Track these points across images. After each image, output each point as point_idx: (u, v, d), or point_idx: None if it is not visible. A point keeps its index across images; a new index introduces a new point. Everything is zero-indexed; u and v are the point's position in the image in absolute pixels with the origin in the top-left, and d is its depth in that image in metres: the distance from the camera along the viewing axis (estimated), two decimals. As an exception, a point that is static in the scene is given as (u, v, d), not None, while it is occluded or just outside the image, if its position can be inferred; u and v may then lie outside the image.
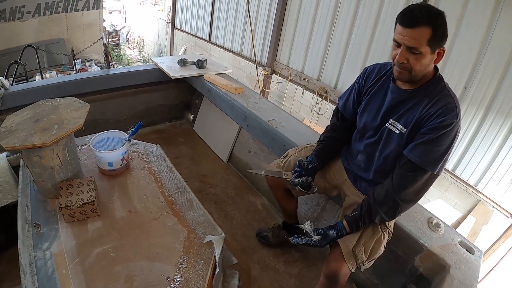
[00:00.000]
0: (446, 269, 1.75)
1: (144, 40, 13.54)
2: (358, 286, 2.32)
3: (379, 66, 1.80)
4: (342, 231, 1.70)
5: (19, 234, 1.65)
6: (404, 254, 1.99)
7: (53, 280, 1.46)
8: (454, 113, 1.48)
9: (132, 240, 1.73)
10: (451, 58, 4.08)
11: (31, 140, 1.68)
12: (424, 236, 1.89)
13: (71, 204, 1.74)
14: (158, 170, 2.23)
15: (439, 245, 1.86)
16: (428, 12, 1.42)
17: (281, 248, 2.49)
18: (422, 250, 1.86)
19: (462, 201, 4.28)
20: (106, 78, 3.37)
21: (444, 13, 1.42)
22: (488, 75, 3.79)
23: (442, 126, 1.47)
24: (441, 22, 1.41)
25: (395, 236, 1.86)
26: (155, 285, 1.52)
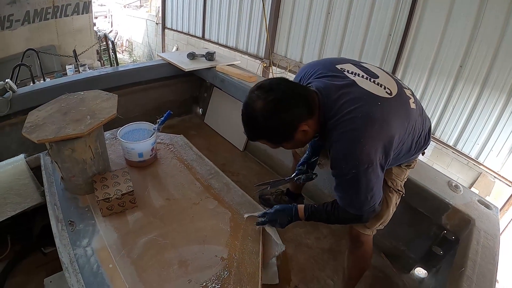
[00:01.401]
0: (472, 223, 1.85)
1: (133, 43, 13.44)
2: (386, 255, 2.41)
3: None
4: (294, 217, 1.70)
5: (55, 233, 1.59)
6: (431, 215, 2.08)
7: (100, 276, 1.42)
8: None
9: (177, 226, 1.71)
10: (445, 39, 4.16)
11: (65, 131, 1.63)
12: (448, 196, 2.00)
13: (109, 196, 1.69)
14: (188, 158, 2.21)
15: (461, 203, 1.97)
16: (251, 129, 1.42)
17: (311, 226, 2.56)
18: (448, 209, 1.96)
19: (464, 175, 4.41)
20: (116, 75, 3.32)
21: (267, 119, 1.33)
22: (482, 53, 3.90)
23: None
24: (264, 128, 1.37)
25: (422, 198, 2.06)
26: (210, 266, 1.51)
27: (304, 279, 2.16)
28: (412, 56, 4.49)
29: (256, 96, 1.33)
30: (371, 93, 1.36)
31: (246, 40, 6.98)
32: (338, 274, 2.20)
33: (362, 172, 1.35)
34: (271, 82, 1.37)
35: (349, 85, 1.39)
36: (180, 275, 1.45)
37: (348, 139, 1.34)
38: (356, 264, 1.86)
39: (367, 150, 1.32)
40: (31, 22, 8.67)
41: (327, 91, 1.39)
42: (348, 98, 1.35)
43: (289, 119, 1.33)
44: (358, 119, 1.32)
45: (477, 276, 1.54)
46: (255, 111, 1.32)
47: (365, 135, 1.31)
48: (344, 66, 1.49)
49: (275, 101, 1.30)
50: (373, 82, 1.41)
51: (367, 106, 1.33)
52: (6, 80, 2.81)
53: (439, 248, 2.11)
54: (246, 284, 1.44)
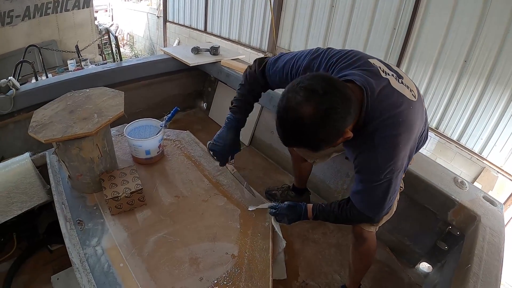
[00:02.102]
0: (478, 219, 1.87)
1: (134, 37, 13.38)
2: (392, 250, 2.42)
3: None
4: (303, 216, 1.70)
5: (64, 233, 1.60)
6: (438, 211, 2.09)
7: (111, 275, 1.43)
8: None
9: (187, 224, 1.72)
10: (450, 33, 4.14)
11: (72, 130, 1.62)
12: (454, 193, 2.00)
13: (118, 194, 1.69)
14: (195, 154, 2.22)
15: (467, 199, 1.98)
16: (294, 136, 1.25)
17: (318, 221, 2.48)
18: (454, 205, 1.98)
19: (467, 169, 4.42)
20: (120, 71, 3.30)
21: (312, 125, 1.17)
22: (486, 48, 3.88)
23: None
24: (311, 136, 1.21)
25: (429, 194, 2.07)
26: (222, 263, 1.52)
27: (311, 274, 2.18)
28: (416, 50, 4.47)
29: (304, 100, 1.14)
30: (405, 96, 1.33)
31: (249, 33, 6.94)
32: (345, 269, 2.21)
33: (394, 178, 1.35)
34: (322, 84, 1.16)
35: (386, 85, 1.32)
36: (191, 273, 1.46)
37: (390, 145, 1.30)
38: (360, 259, 1.87)
39: (403, 155, 1.32)
40: (32, 17, 8.61)
41: (372, 89, 1.27)
42: (390, 101, 1.30)
43: (341, 128, 1.21)
44: (398, 124, 1.29)
45: (483, 272, 1.56)
46: (303, 119, 1.15)
47: (403, 141, 1.30)
48: (374, 61, 1.41)
49: (331, 110, 1.14)
50: (401, 84, 1.37)
51: (405, 110, 1.30)
52: (9, 78, 2.80)
53: (444, 243, 2.14)
54: (257, 281, 1.45)
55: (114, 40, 3.69)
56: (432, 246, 2.22)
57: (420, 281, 2.25)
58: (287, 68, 1.59)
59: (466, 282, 1.51)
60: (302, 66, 1.51)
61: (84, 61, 8.23)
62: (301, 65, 1.51)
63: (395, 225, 2.35)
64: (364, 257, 1.84)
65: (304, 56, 1.54)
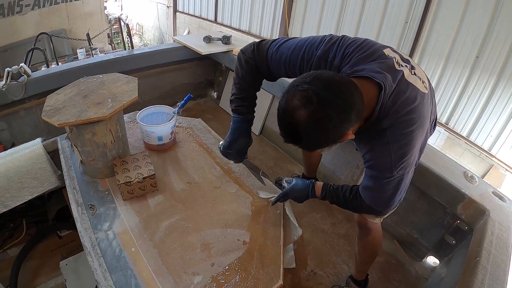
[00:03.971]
0: (487, 214, 1.87)
1: (144, 27, 13.36)
2: (400, 242, 2.46)
3: None
4: (311, 193, 1.67)
5: (75, 217, 1.60)
6: (447, 204, 2.10)
7: (122, 259, 1.44)
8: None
9: (199, 210, 1.72)
10: (462, 28, 4.06)
11: (86, 114, 1.63)
12: (464, 187, 2.01)
13: (130, 179, 1.70)
14: (207, 142, 2.23)
15: (477, 194, 1.98)
16: (289, 135, 1.23)
17: (327, 212, 2.60)
18: (464, 199, 1.98)
19: (475, 166, 4.35)
20: (132, 59, 3.33)
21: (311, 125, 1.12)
22: (499, 44, 3.80)
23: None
24: (306, 140, 1.18)
25: (439, 188, 2.08)
26: (233, 250, 1.53)
27: (320, 264, 2.20)
28: (428, 44, 4.42)
29: (299, 106, 1.10)
30: (419, 90, 1.30)
31: (260, 24, 6.89)
32: (353, 259, 2.22)
33: (406, 173, 1.34)
34: (320, 90, 1.09)
35: (401, 79, 1.27)
36: (203, 258, 1.47)
37: (405, 142, 1.27)
38: (365, 250, 1.87)
39: (416, 151, 1.31)
40: (41, 6, 8.60)
41: (390, 86, 1.23)
42: (405, 96, 1.26)
43: (337, 134, 1.17)
44: (414, 120, 1.26)
45: (491, 266, 1.56)
46: (297, 125, 1.14)
47: (417, 136, 1.28)
48: (389, 52, 1.36)
49: (324, 119, 1.10)
50: (414, 75, 1.34)
51: (419, 105, 1.27)
52: (20, 65, 2.83)
53: (451, 238, 2.15)
54: (268, 268, 1.46)
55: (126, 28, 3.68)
56: (440, 240, 2.23)
57: (427, 275, 2.26)
58: (296, 58, 1.48)
59: (475, 274, 1.52)
60: (315, 56, 1.42)
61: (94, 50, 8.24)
62: (314, 55, 1.43)
63: (404, 218, 2.37)
64: (369, 247, 1.84)
65: (317, 43, 1.44)
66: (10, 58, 7.69)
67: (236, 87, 1.70)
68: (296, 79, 1.18)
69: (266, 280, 1.41)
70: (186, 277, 1.39)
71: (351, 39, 1.42)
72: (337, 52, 1.39)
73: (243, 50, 1.65)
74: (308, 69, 1.44)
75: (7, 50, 8.01)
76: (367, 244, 1.82)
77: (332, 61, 1.39)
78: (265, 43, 1.60)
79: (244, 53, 1.64)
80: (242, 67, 1.64)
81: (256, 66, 1.62)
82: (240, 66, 1.65)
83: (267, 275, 1.43)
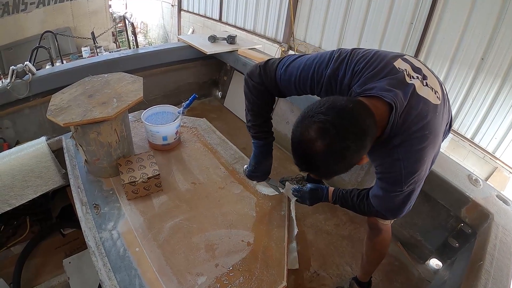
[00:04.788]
0: (491, 217, 1.86)
1: (148, 25, 13.38)
2: (403, 244, 2.43)
3: None
4: (325, 198, 1.69)
5: (80, 216, 1.61)
6: (451, 207, 2.09)
7: (126, 259, 1.44)
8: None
9: (204, 210, 1.73)
10: (468, 30, 4.06)
11: (91, 114, 1.63)
12: (468, 190, 1.99)
13: (135, 179, 1.70)
14: (212, 142, 2.23)
15: (481, 197, 1.96)
16: (306, 165, 1.19)
17: (331, 213, 2.59)
18: (468, 202, 1.96)
19: (479, 168, 4.35)
20: (136, 58, 3.33)
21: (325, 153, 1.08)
22: (504, 46, 3.79)
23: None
24: (323, 170, 1.17)
25: (443, 190, 2.07)
26: (237, 251, 1.53)
27: (323, 265, 2.19)
28: (433, 45, 4.41)
29: (316, 138, 1.07)
30: (431, 103, 1.26)
31: (264, 24, 6.90)
32: (356, 261, 2.22)
33: (417, 187, 1.33)
34: (336, 120, 1.06)
35: (412, 94, 1.23)
36: (207, 259, 1.48)
37: (415, 159, 1.24)
38: (374, 250, 1.85)
39: (427, 166, 1.29)
40: (46, 4, 8.63)
41: (401, 104, 1.19)
42: (416, 112, 1.22)
43: (354, 161, 1.14)
44: (425, 137, 1.22)
45: (495, 270, 1.56)
46: (316, 156, 1.10)
47: (429, 152, 1.26)
48: (399, 64, 1.30)
49: (343, 150, 1.08)
50: (426, 86, 1.30)
51: (432, 120, 1.24)
52: (25, 63, 2.82)
53: (455, 241, 2.13)
54: (272, 269, 1.46)
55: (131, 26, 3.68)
56: (443, 243, 2.21)
57: (430, 277, 2.25)
58: (306, 78, 1.44)
59: (478, 278, 1.51)
60: (325, 76, 1.38)
61: (99, 49, 8.25)
62: (324, 75, 1.39)
63: (408, 220, 2.36)
64: (378, 248, 1.82)
65: (326, 62, 1.40)
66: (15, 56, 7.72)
67: (250, 114, 1.66)
68: (310, 108, 1.14)
69: (270, 281, 1.42)
70: (190, 277, 1.39)
71: (360, 53, 1.38)
72: (347, 70, 1.35)
73: (249, 74, 1.59)
74: (319, 88, 1.42)
75: (12, 48, 8.03)
76: (376, 245, 1.81)
77: (342, 80, 1.36)
78: (271, 64, 1.55)
79: (251, 78, 1.58)
80: (252, 92, 1.60)
81: (265, 90, 1.58)
82: (250, 91, 1.60)
83: (271, 276, 1.44)
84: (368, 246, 1.86)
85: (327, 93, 1.40)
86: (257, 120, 1.66)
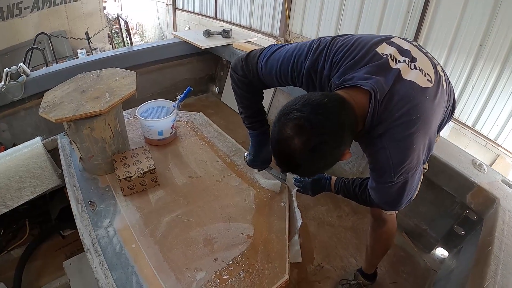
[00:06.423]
0: (497, 202, 1.83)
1: (144, 26, 13.36)
2: (408, 234, 2.41)
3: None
4: (327, 188, 1.66)
5: (75, 214, 1.58)
6: (456, 193, 2.06)
7: (123, 256, 1.41)
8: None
9: (201, 204, 1.69)
10: (465, 16, 4.01)
11: (84, 109, 1.59)
12: (472, 175, 1.97)
13: (130, 175, 1.67)
14: (209, 135, 2.20)
15: (486, 182, 1.94)
16: (287, 166, 1.15)
17: (333, 205, 2.56)
18: (473, 187, 1.94)
19: (482, 156, 4.26)
20: (131, 55, 3.31)
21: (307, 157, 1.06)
22: (502, 32, 3.74)
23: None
24: (304, 168, 1.12)
25: (447, 176, 2.05)
26: (237, 244, 1.49)
27: (327, 258, 2.16)
28: (431, 33, 4.37)
29: (293, 136, 1.04)
30: (419, 86, 1.19)
31: (260, 19, 6.86)
32: (360, 253, 2.19)
33: (410, 177, 1.26)
34: (311, 116, 1.03)
35: (397, 78, 1.16)
36: (206, 253, 1.44)
37: (402, 147, 1.17)
38: (378, 242, 1.81)
39: (418, 154, 1.21)
40: (41, 8, 8.59)
41: (381, 91, 1.13)
42: (399, 97, 1.14)
43: (335, 157, 1.12)
44: (412, 122, 1.15)
45: (504, 255, 1.52)
46: (294, 155, 1.07)
47: (417, 139, 1.17)
48: (383, 49, 1.25)
49: (320, 145, 1.04)
50: (414, 68, 1.23)
51: (419, 104, 1.16)
52: (19, 64, 2.82)
53: (460, 228, 2.10)
54: (274, 263, 1.42)
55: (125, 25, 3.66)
56: (449, 231, 2.18)
57: (436, 267, 2.21)
58: (286, 71, 1.40)
59: (487, 264, 1.47)
60: (304, 69, 1.33)
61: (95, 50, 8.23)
62: (303, 67, 1.33)
63: (412, 209, 2.33)
64: (382, 239, 1.78)
65: (305, 54, 1.34)
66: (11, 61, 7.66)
67: (240, 106, 1.65)
68: (286, 105, 1.11)
69: (272, 275, 1.38)
70: (188, 273, 1.35)
71: (340, 42, 1.31)
72: (326, 61, 1.30)
73: (232, 67, 1.57)
74: (300, 81, 1.38)
75: (8, 53, 8.00)
76: (381, 236, 1.76)
77: (322, 72, 1.30)
78: (252, 56, 1.50)
79: (235, 71, 1.56)
80: (238, 86, 1.58)
81: (250, 82, 1.54)
82: (236, 85, 1.59)
83: (272, 270, 1.39)
84: (372, 237, 1.82)
85: (308, 85, 1.36)
86: (248, 111, 1.64)
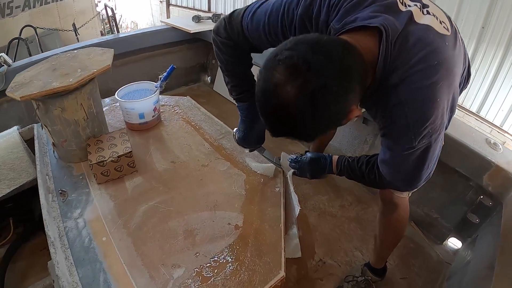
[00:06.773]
0: None
1: (138, 24, 13.29)
2: (417, 224, 2.24)
3: None
4: (328, 169, 1.45)
5: (42, 203, 1.45)
6: (471, 175, 1.90)
7: (91, 250, 1.28)
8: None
9: (183, 191, 1.55)
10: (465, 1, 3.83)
11: (51, 85, 1.46)
12: (489, 154, 1.81)
13: (103, 159, 1.54)
14: (195, 119, 2.09)
15: (504, 161, 1.78)
16: (277, 125, 0.91)
17: (335, 194, 2.39)
18: (491, 167, 1.78)
19: (487, 143, 4.12)
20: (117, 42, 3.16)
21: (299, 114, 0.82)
22: (505, 13, 3.55)
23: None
24: (300, 127, 0.86)
25: (462, 156, 1.88)
26: (223, 236, 1.35)
27: (329, 252, 1.99)
28: (432, 16, 4.22)
29: (284, 81, 0.81)
30: (435, 31, 0.98)
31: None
32: (366, 245, 2.02)
33: (433, 141, 1.03)
34: (307, 54, 0.81)
35: (409, 21, 0.96)
36: (185, 247, 1.29)
37: (424, 101, 0.95)
38: (389, 230, 1.60)
39: (442, 111, 0.98)
40: (32, 7, 8.50)
41: (394, 30, 0.92)
42: (415, 39, 0.94)
43: (341, 110, 0.87)
44: (434, 69, 0.93)
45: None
46: (286, 107, 0.83)
47: (442, 91, 0.95)
48: None
49: (321, 90, 0.80)
50: (428, 14, 1.02)
51: (440, 48, 0.96)
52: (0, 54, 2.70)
53: (474, 216, 1.93)
54: (266, 256, 1.25)
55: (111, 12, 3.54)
56: (462, 219, 2.01)
57: (450, 259, 2.03)
58: (276, 22, 1.17)
59: None
60: (297, 17, 1.11)
61: (87, 47, 8.11)
62: (295, 15, 1.11)
63: (421, 196, 2.14)
64: (393, 227, 1.57)
65: (297, 0, 1.13)
66: (1, 62, 7.57)
67: (226, 75, 1.47)
68: (273, 49, 0.89)
69: (264, 271, 1.21)
70: (164, 270, 1.20)
71: None
72: (322, 5, 1.08)
73: (215, 30, 1.37)
74: (292, 31, 1.15)
75: (0, 53, 7.89)
76: (392, 224, 1.55)
77: (318, 17, 1.08)
78: (236, 14, 1.31)
79: (217, 34, 1.36)
80: (222, 50, 1.39)
81: (234, 45, 1.35)
82: (219, 49, 1.39)
83: (265, 265, 1.23)
84: (382, 225, 1.60)
85: None
86: (235, 80, 1.46)
